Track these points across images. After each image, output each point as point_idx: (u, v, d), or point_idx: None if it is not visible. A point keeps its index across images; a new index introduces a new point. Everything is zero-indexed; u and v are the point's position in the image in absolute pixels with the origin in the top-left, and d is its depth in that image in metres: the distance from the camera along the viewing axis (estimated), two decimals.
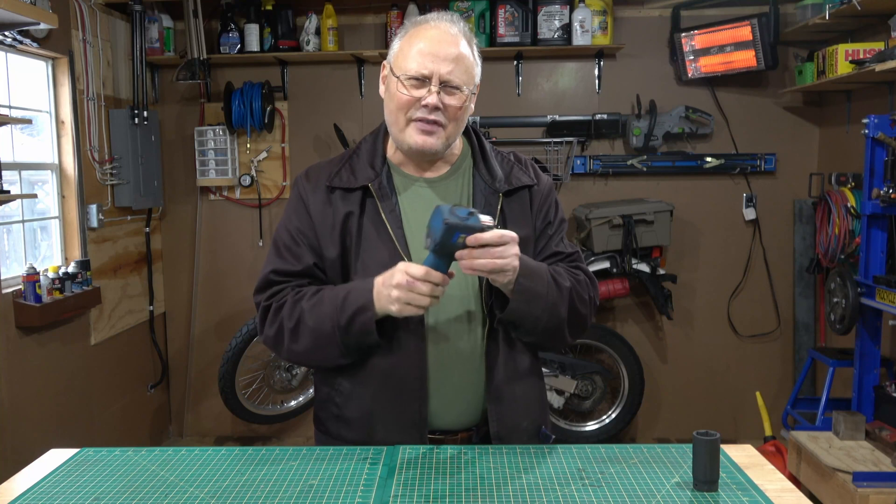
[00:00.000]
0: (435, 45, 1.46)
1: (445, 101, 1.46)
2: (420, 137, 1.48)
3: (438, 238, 1.30)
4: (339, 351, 1.45)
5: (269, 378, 3.98)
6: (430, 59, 1.45)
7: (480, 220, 1.31)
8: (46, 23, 2.90)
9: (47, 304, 3.10)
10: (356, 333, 1.42)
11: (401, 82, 1.47)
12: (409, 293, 1.34)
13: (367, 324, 1.41)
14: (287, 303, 1.49)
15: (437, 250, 1.32)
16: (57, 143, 3.48)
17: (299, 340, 1.47)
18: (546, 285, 1.46)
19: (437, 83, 1.45)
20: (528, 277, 1.42)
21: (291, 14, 3.98)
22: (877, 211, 3.00)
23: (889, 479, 2.73)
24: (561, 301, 1.48)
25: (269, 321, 1.51)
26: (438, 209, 1.31)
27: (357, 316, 1.41)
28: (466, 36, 1.51)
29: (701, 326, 4.23)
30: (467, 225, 1.30)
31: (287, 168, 4.21)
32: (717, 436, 1.25)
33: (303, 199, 1.55)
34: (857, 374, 3.15)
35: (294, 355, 1.51)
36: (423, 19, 1.52)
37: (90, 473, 1.36)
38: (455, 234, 1.30)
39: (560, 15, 3.86)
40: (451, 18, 1.51)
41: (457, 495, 1.24)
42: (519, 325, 1.48)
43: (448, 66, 1.45)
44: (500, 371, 1.52)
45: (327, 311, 1.44)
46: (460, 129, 1.54)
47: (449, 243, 1.30)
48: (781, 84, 4.03)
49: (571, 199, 4.12)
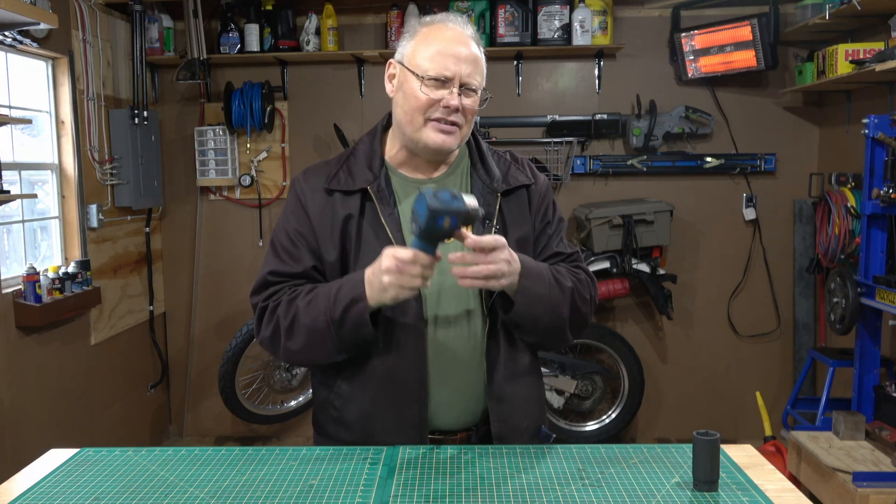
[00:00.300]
0: (454, 47, 1.46)
1: (464, 103, 1.47)
2: (439, 137, 1.48)
3: (423, 223, 1.29)
4: (334, 347, 1.44)
5: (269, 378, 3.98)
6: (452, 61, 1.45)
7: (465, 203, 1.30)
8: (46, 23, 2.90)
9: (47, 304, 3.10)
10: (350, 326, 1.41)
11: (423, 83, 1.46)
12: (399, 276, 1.33)
13: (360, 315, 1.39)
14: (282, 302, 1.48)
15: (422, 235, 1.31)
16: (57, 143, 3.48)
17: (295, 338, 1.46)
18: (548, 286, 1.46)
19: (458, 84, 1.46)
20: (529, 279, 1.43)
21: (291, 14, 3.98)
22: (877, 211, 3.00)
23: (889, 479, 2.73)
24: (563, 301, 1.49)
25: (265, 321, 1.50)
26: (422, 194, 1.30)
27: (350, 308, 1.40)
28: (476, 38, 1.52)
29: (701, 326, 4.23)
30: (451, 209, 1.29)
31: (287, 168, 4.21)
32: (717, 436, 1.24)
33: (301, 201, 1.55)
34: (857, 374, 3.15)
35: (291, 354, 1.50)
36: (437, 19, 1.52)
37: (90, 473, 1.36)
38: (440, 219, 1.29)
39: (560, 15, 3.86)
40: (464, 20, 1.53)
41: (457, 495, 1.24)
42: (521, 325, 1.48)
43: (468, 68, 1.47)
44: (501, 370, 1.52)
45: (321, 306, 1.43)
46: (471, 129, 1.55)
47: (434, 227, 1.30)
48: (781, 84, 4.03)
49: (571, 199, 4.12)
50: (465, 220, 1.32)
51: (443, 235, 1.32)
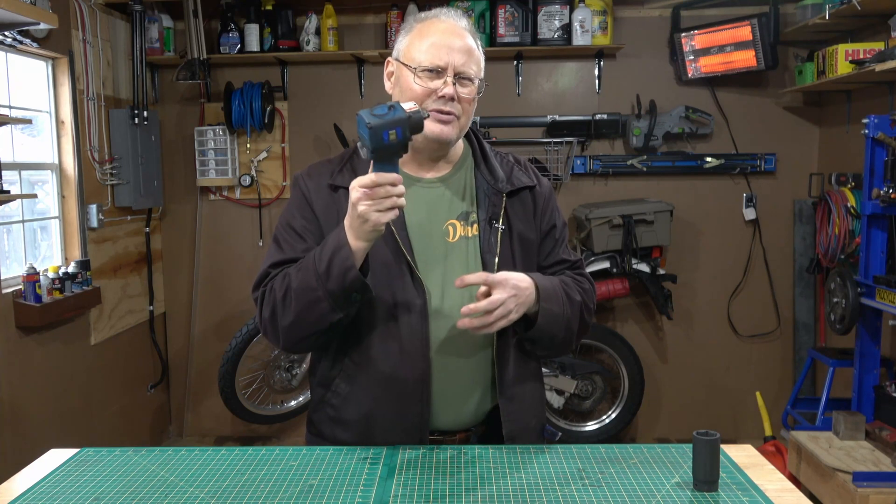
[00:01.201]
0: (448, 38, 1.48)
1: (460, 92, 1.48)
2: (437, 127, 1.48)
3: (370, 144, 1.30)
4: (327, 304, 1.39)
5: (269, 378, 3.98)
6: (444, 51, 1.47)
7: (405, 110, 1.31)
8: (46, 23, 2.89)
9: (47, 304, 3.10)
10: (337, 274, 1.37)
11: (416, 74, 1.47)
12: (370, 201, 1.32)
13: (345, 260, 1.36)
14: (278, 278, 1.48)
15: (376, 156, 1.32)
16: (57, 143, 3.48)
17: (288, 308, 1.43)
18: (562, 304, 1.50)
19: (453, 74, 1.47)
20: (548, 301, 1.46)
21: (291, 14, 3.98)
22: (877, 211, 3.00)
23: (889, 479, 2.73)
24: (573, 316, 1.53)
25: (264, 303, 1.48)
26: (359, 115, 1.31)
27: (334, 257, 1.37)
28: (471, 30, 1.54)
29: (701, 326, 4.23)
30: (392, 120, 1.29)
31: (287, 168, 4.21)
32: (717, 436, 1.25)
33: (306, 197, 1.55)
34: (857, 374, 3.15)
35: (287, 331, 1.46)
36: (431, 14, 1.54)
37: (90, 473, 1.36)
38: (384, 133, 1.29)
39: (560, 15, 3.86)
40: (457, 13, 1.55)
41: (457, 495, 1.24)
42: (537, 343, 1.52)
43: (462, 58, 1.48)
44: (512, 370, 1.53)
45: (309, 265, 1.42)
46: (469, 121, 1.55)
47: (382, 144, 1.30)
48: (781, 84, 4.03)
49: (571, 199, 4.12)
50: (411, 128, 1.32)
51: (396, 148, 1.32)
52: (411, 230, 1.50)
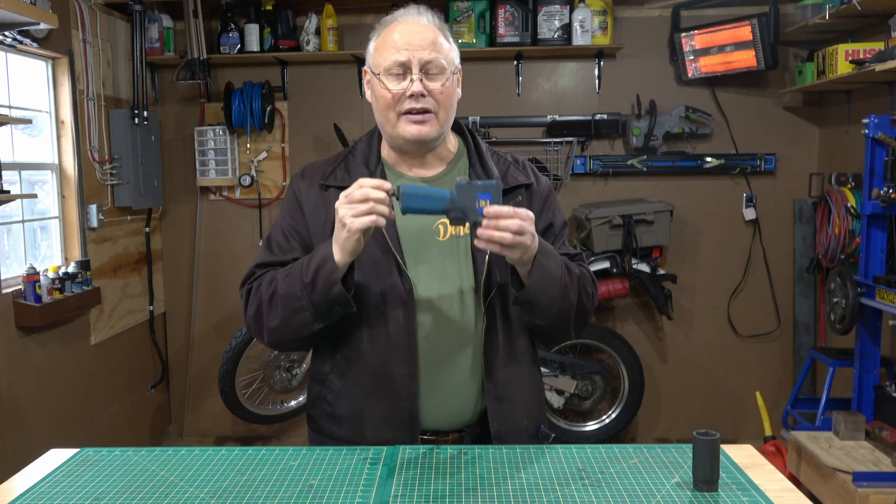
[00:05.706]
0: (407, 36, 1.47)
1: (429, 87, 1.47)
2: (413, 128, 1.48)
3: (406, 206, 1.33)
4: (310, 314, 1.42)
5: (269, 378, 3.98)
6: (405, 49, 1.46)
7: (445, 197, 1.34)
8: (46, 23, 2.89)
9: (47, 304, 3.10)
10: (321, 286, 1.39)
11: (380, 80, 1.48)
12: (348, 207, 1.32)
13: (330, 273, 1.37)
14: (265, 279, 1.50)
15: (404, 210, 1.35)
16: (57, 143, 3.48)
17: (273, 311, 1.46)
18: (559, 267, 1.45)
19: (418, 69, 1.46)
20: (546, 256, 1.42)
21: (291, 14, 3.98)
22: (877, 211, 3.00)
23: (889, 479, 2.73)
24: (571, 286, 1.48)
25: (250, 301, 1.51)
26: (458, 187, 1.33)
27: (320, 269, 1.39)
28: (437, 24, 1.52)
29: (701, 326, 4.23)
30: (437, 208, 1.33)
31: (287, 168, 4.21)
32: (717, 436, 1.24)
33: (297, 197, 1.57)
34: (857, 374, 3.15)
35: (271, 333, 1.49)
36: (392, 17, 1.53)
37: (90, 473, 1.36)
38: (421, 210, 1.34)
39: (560, 15, 3.86)
40: (419, 10, 1.53)
41: (457, 495, 1.24)
42: (535, 304, 1.44)
43: (425, 51, 1.46)
44: (501, 370, 1.52)
45: (296, 274, 1.43)
46: (451, 114, 1.54)
47: (413, 211, 1.35)
48: (781, 84, 4.03)
49: (571, 199, 4.12)
50: (444, 213, 1.36)
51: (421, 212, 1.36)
52: (401, 228, 1.50)
